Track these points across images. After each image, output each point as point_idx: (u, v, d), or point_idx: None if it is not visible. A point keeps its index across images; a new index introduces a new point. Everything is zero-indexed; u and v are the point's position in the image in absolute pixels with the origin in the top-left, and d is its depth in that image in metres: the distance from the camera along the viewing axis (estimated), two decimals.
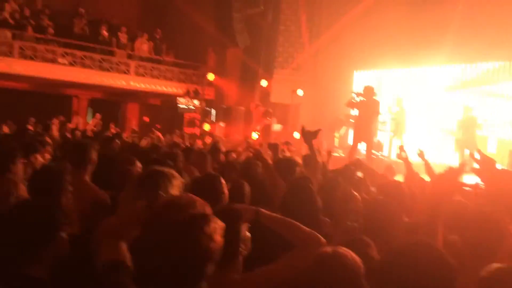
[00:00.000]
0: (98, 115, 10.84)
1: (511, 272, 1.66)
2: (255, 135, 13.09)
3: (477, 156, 3.05)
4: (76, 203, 2.54)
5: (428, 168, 4.37)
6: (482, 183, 1.94)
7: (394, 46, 14.10)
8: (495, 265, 1.72)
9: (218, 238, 1.53)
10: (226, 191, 2.72)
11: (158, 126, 13.81)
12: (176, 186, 2.17)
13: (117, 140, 6.60)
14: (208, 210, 1.62)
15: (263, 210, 2.01)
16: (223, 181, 2.74)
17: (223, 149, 7.13)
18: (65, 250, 1.94)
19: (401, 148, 4.92)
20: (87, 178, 3.23)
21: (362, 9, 15.22)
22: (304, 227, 2.02)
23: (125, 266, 1.64)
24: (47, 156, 4.30)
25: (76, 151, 3.24)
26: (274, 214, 2.06)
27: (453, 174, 1.92)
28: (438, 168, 3.76)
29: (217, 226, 1.55)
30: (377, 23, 14.61)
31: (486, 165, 2.78)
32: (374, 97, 9.26)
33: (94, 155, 3.28)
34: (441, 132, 13.53)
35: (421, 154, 4.55)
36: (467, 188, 2.41)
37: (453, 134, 11.96)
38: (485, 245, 2.09)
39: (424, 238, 1.43)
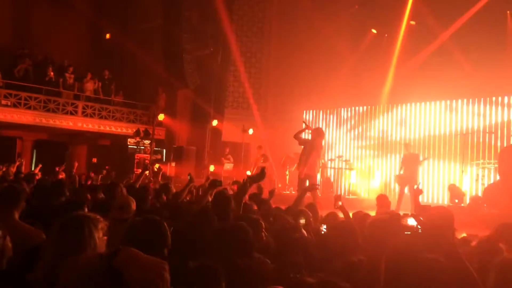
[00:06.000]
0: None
1: None
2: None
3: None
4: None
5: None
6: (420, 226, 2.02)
7: (342, 87, 14.64)
8: None
9: None
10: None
11: (107, 167, 13.50)
12: (101, 230, 2.22)
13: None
14: None
15: None
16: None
17: (173, 189, 7.05)
18: None
19: (337, 197, 4.75)
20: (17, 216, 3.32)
21: (309, 51, 15.77)
22: None
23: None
24: None
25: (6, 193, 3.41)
26: None
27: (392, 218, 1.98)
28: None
29: None
30: (325, 64, 15.13)
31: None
32: (319, 138, 9.63)
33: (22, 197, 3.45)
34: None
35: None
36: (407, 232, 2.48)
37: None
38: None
39: None
